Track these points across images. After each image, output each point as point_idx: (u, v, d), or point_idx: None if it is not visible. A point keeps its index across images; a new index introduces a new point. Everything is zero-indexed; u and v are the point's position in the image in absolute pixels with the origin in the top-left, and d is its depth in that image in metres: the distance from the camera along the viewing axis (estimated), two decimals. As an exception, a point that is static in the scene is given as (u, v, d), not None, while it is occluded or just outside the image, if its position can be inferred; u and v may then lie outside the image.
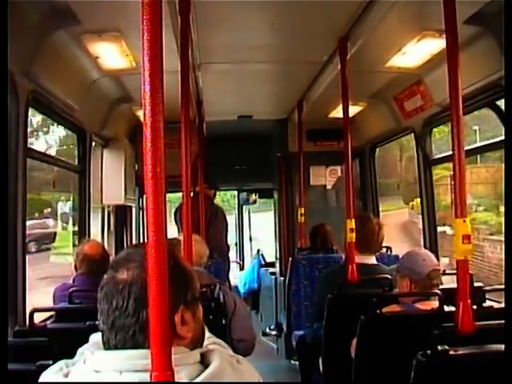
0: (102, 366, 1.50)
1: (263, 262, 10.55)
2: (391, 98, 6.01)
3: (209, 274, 4.40)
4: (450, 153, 3.00)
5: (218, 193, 8.25)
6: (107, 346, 1.56)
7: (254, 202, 11.66)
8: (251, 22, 4.23)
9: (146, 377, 1.38)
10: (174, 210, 7.64)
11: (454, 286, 2.95)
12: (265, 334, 8.77)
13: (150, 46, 1.38)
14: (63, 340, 2.57)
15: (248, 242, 12.29)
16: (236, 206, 12.20)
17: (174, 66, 3.48)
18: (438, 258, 3.87)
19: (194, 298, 1.64)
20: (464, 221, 2.82)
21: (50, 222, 17.23)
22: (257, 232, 12.92)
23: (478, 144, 4.88)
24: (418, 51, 4.48)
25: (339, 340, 3.98)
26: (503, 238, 2.82)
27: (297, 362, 6.26)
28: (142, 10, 1.40)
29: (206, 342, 1.88)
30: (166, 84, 1.41)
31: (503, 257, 2.80)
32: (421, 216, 5.98)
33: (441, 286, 3.62)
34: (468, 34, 3.85)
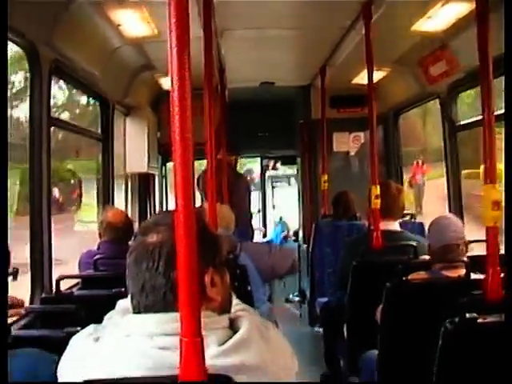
0: (133, 329, 1.50)
1: (286, 230, 10.56)
2: (416, 63, 5.92)
3: (230, 236, 4.42)
4: (477, 118, 2.96)
5: (240, 160, 8.18)
6: (137, 309, 1.56)
7: (275, 168, 11.65)
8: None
9: (177, 341, 1.37)
10: (196, 178, 7.62)
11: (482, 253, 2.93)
12: (288, 300, 8.82)
13: (177, 12, 1.36)
14: (90, 307, 2.60)
15: (271, 209, 12.30)
16: (259, 174, 12.19)
17: (196, 32, 3.45)
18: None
19: (222, 263, 1.64)
20: (494, 187, 2.79)
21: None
22: (280, 200, 12.94)
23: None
24: (443, 15, 4.40)
25: (364, 307, 3.98)
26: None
27: (320, 329, 6.29)
28: None
29: (234, 308, 1.89)
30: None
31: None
32: (446, 184, 5.92)
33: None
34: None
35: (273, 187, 12.68)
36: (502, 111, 4.65)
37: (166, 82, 6.63)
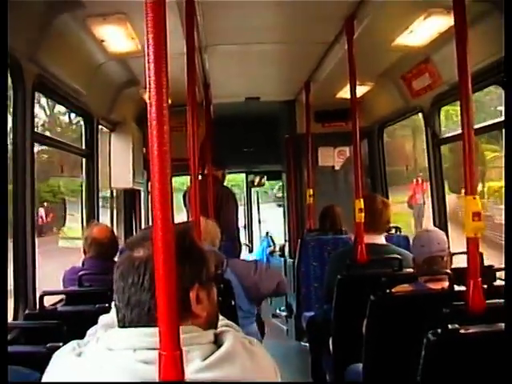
0: (116, 344, 1.50)
1: (272, 245, 10.55)
2: (399, 77, 5.97)
3: (216, 251, 4.42)
4: (460, 131, 2.98)
5: (227, 175, 8.18)
6: (122, 323, 1.56)
7: (261, 184, 11.65)
8: (257, 2, 4.20)
9: None
10: (182, 194, 7.62)
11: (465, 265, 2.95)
12: (274, 315, 8.81)
13: (154, 26, 1.37)
14: (73, 322, 2.59)
15: (257, 224, 12.30)
16: (244, 189, 12.20)
17: (179, 48, 3.48)
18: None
19: (209, 279, 1.65)
20: (474, 198, 2.81)
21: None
22: (265, 214, 12.94)
23: (487, 123, 4.84)
24: (425, 29, 4.44)
25: (349, 320, 3.99)
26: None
27: (307, 344, 6.28)
28: None
29: (218, 323, 1.89)
30: (171, 66, 1.40)
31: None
32: (430, 196, 5.95)
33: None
34: (476, 11, 3.81)
35: (258, 202, 12.68)
36: (486, 123, 4.76)
37: (150, 97, 6.62)
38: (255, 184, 11.45)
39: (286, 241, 8.82)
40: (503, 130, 3.33)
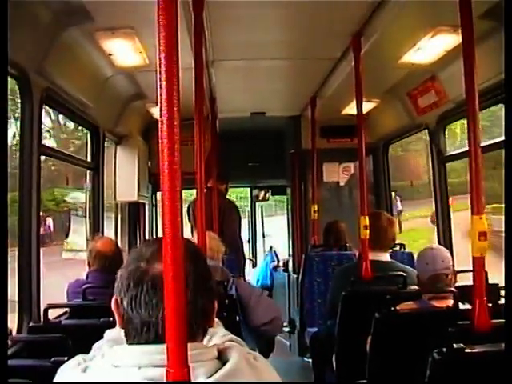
0: (121, 360, 1.48)
1: (276, 260, 10.53)
2: (405, 95, 5.98)
3: (223, 268, 4.41)
4: (465, 149, 2.99)
5: (232, 189, 8.18)
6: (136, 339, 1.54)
7: (266, 199, 11.64)
8: (264, 19, 4.22)
9: (165, 372, 1.37)
10: (186, 208, 7.62)
11: (470, 283, 2.94)
12: (278, 331, 8.76)
13: (166, 42, 1.38)
14: (77, 336, 2.59)
15: (261, 238, 12.29)
16: (249, 203, 12.20)
17: (187, 63, 3.48)
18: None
19: None
20: (480, 218, 2.81)
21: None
22: (270, 229, 12.92)
23: (494, 140, 4.83)
24: (432, 47, 4.45)
25: (353, 337, 3.98)
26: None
27: (310, 360, 6.25)
28: (158, 6, 1.39)
29: (222, 339, 1.88)
30: (179, 81, 1.41)
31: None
32: (435, 214, 5.95)
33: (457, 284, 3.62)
34: (483, 29, 3.82)
35: (262, 217, 12.67)
36: (494, 141, 4.75)
37: (157, 112, 6.55)
38: (259, 198, 11.45)
39: (289, 256, 8.81)
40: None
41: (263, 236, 12.40)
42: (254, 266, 11.18)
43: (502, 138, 4.81)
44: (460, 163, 6.09)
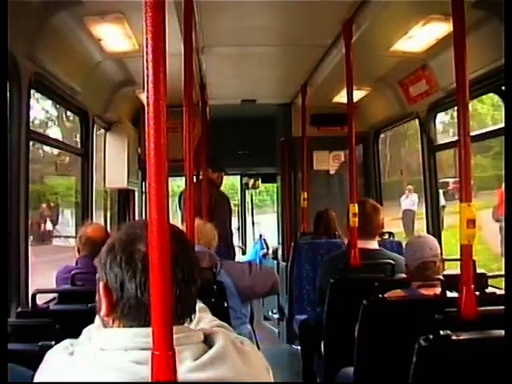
0: (108, 343, 1.49)
1: (265, 248, 10.55)
2: (396, 83, 5.98)
3: (211, 253, 4.41)
4: (456, 138, 2.99)
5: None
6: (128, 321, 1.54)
7: (256, 187, 11.64)
8: (255, 4, 4.20)
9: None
10: (178, 196, 7.61)
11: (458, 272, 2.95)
12: (266, 318, 8.80)
13: (153, 26, 1.37)
14: (65, 321, 2.58)
15: (250, 226, 12.30)
16: (238, 191, 12.20)
17: (177, 48, 3.48)
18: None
19: None
20: (469, 205, 2.82)
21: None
22: (259, 217, 12.94)
23: (484, 130, 4.84)
24: (423, 35, 4.44)
25: (341, 324, 3.99)
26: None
27: (298, 347, 6.28)
28: None
29: (209, 325, 1.89)
30: (168, 67, 1.40)
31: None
32: (424, 204, 5.96)
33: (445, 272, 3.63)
34: (475, 19, 3.82)
35: (252, 204, 12.68)
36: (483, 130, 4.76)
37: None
38: (249, 186, 11.45)
39: (279, 243, 8.82)
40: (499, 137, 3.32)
41: (253, 224, 12.41)
42: (244, 253, 11.19)
43: (489, 129, 4.86)
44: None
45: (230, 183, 15.87)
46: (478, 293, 2.93)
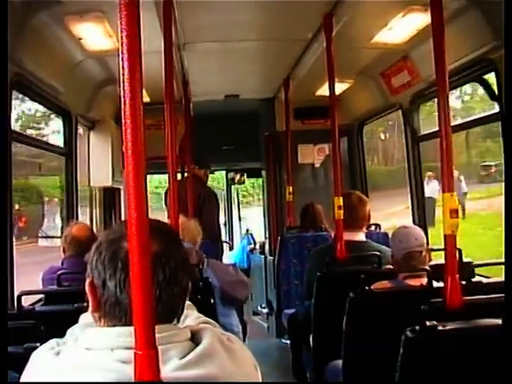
0: (94, 343, 1.48)
1: (252, 243, 10.55)
2: (378, 75, 5.99)
3: (197, 250, 4.42)
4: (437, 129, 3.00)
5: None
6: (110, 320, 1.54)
7: (241, 182, 11.65)
8: (235, 0, 4.20)
9: None
10: (164, 193, 7.61)
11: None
12: (255, 313, 8.80)
13: (128, 24, 1.36)
14: (51, 322, 2.57)
15: (237, 221, 12.31)
16: (224, 187, 12.20)
17: (157, 46, 3.47)
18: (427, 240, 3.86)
19: None
20: (451, 195, 2.83)
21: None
22: (246, 212, 12.95)
23: (465, 120, 4.86)
24: (403, 26, 4.46)
25: (329, 317, 3.99)
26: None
27: (287, 341, 6.29)
28: None
29: (196, 321, 1.88)
30: (150, 64, 1.39)
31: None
32: (409, 194, 5.97)
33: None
34: (454, 8, 3.83)
35: (238, 200, 12.69)
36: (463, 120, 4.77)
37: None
38: (235, 181, 11.45)
39: (266, 238, 8.83)
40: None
41: (239, 219, 12.42)
42: (231, 249, 11.20)
43: (469, 118, 4.87)
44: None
45: (215, 179, 15.87)
46: (464, 282, 2.94)
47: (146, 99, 5.15)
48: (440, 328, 2.50)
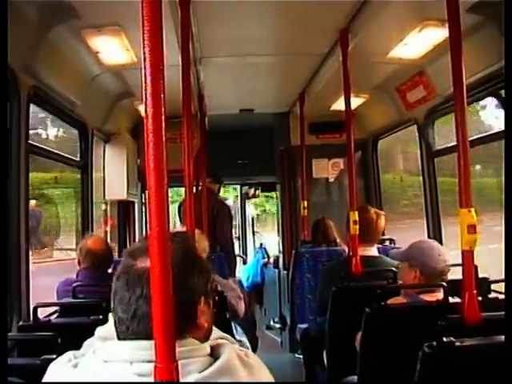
0: (113, 356, 1.48)
1: (266, 257, 10.54)
2: (393, 90, 5.99)
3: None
4: (454, 144, 2.99)
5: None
6: (124, 335, 1.53)
7: (256, 196, 11.64)
8: (251, 15, 4.21)
9: None
10: (177, 206, 7.62)
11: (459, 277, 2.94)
12: (269, 327, 8.78)
13: (151, 38, 1.37)
14: (67, 334, 2.58)
15: (251, 235, 12.29)
16: (239, 200, 12.20)
17: (174, 60, 3.48)
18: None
19: (212, 291, 1.65)
20: (469, 211, 2.81)
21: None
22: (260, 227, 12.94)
23: (482, 134, 4.83)
24: (419, 41, 4.45)
25: (343, 333, 3.98)
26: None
27: (301, 356, 6.26)
28: (142, 3, 1.38)
29: (213, 336, 1.88)
30: (166, 78, 1.40)
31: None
32: (424, 209, 5.94)
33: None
34: (470, 23, 3.82)
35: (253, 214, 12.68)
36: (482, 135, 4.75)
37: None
38: (249, 196, 11.45)
39: (280, 252, 8.81)
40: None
41: (253, 233, 12.40)
42: (245, 263, 11.18)
43: (488, 133, 4.85)
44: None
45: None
46: (480, 298, 2.92)
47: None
48: (458, 344, 2.49)
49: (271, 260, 10.03)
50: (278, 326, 8.39)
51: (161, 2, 1.41)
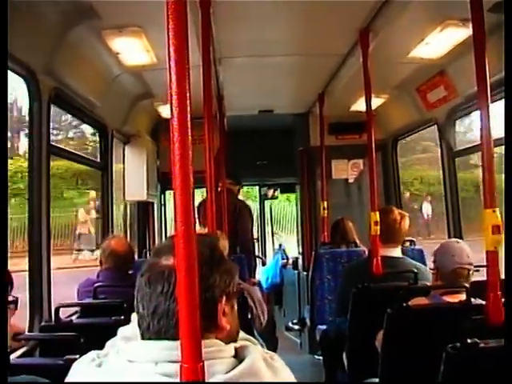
0: (137, 356, 1.48)
1: (285, 258, 10.51)
2: (414, 90, 5.96)
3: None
4: (475, 143, 2.97)
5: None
6: (147, 333, 1.54)
7: (275, 197, 11.62)
8: (271, 15, 4.21)
9: None
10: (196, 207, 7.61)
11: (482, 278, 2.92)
12: (288, 328, 8.76)
13: (175, 39, 1.37)
14: (89, 335, 2.58)
15: (270, 237, 12.27)
16: (258, 201, 12.18)
17: (195, 61, 3.47)
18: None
19: (235, 292, 1.64)
20: (494, 211, 2.79)
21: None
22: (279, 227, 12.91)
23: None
24: (441, 41, 4.42)
25: (364, 334, 3.96)
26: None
27: (320, 357, 6.24)
28: (167, 5, 1.38)
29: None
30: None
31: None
32: (445, 210, 5.91)
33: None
34: (492, 23, 3.79)
35: (271, 215, 12.65)
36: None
37: (164, 110, 6.66)
38: (268, 197, 11.43)
39: (299, 253, 8.80)
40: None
41: (272, 234, 12.38)
42: (264, 264, 11.16)
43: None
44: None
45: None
46: (503, 299, 2.89)
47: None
48: (482, 345, 2.47)
49: (290, 261, 10.01)
50: (297, 327, 8.37)
51: (185, 3, 1.41)
